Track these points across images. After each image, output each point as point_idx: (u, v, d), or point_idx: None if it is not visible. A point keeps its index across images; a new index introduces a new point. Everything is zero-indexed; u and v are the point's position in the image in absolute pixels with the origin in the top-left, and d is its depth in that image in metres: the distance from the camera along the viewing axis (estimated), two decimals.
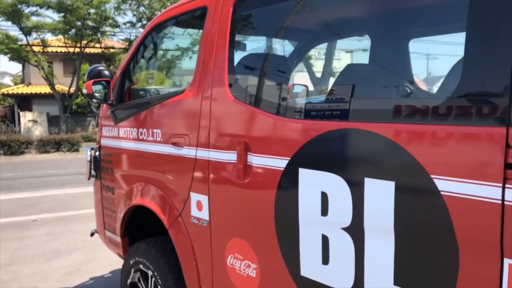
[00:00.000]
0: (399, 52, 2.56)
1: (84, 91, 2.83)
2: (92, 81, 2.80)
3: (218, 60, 2.11)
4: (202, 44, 2.24)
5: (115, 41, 25.05)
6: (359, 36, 2.94)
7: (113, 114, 2.92)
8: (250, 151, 1.92)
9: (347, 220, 1.53)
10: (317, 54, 4.26)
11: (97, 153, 3.15)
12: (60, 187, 9.68)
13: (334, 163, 1.58)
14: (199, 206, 2.23)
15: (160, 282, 2.51)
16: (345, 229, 1.55)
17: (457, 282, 1.27)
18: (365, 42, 2.71)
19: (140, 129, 2.65)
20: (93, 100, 2.80)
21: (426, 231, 1.34)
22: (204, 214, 2.20)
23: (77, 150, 18.43)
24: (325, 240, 1.63)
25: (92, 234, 3.48)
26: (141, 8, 21.01)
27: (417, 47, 2.69)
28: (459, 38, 1.45)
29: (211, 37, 2.17)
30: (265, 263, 1.90)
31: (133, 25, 22.22)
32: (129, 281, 2.84)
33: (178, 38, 2.84)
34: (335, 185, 1.57)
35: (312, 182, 1.65)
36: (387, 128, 1.42)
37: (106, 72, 3.01)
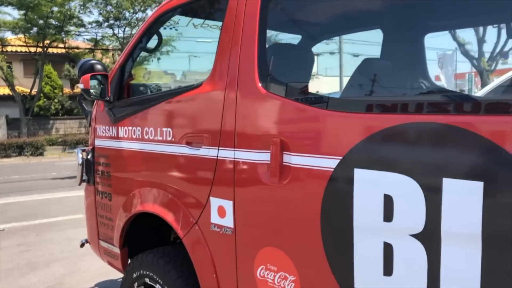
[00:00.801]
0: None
1: (80, 85, 2.53)
2: (89, 74, 2.52)
3: (245, 50, 1.90)
4: (224, 34, 2.02)
5: (80, 41, 24.15)
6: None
7: (111, 112, 2.65)
8: (288, 150, 1.71)
9: (419, 226, 1.36)
10: None
11: (89, 156, 2.85)
12: (26, 193, 9.12)
13: (402, 162, 1.40)
14: (221, 213, 2.00)
15: None
16: (415, 236, 1.37)
17: None
18: None
19: (146, 128, 2.39)
20: (90, 96, 2.52)
21: None
22: (228, 221, 1.97)
23: (41, 154, 17.62)
24: (388, 248, 1.44)
25: (82, 245, 3.17)
26: (109, 7, 20.31)
27: None
28: None
29: (235, 25, 1.95)
30: (307, 275, 1.70)
31: (99, 24, 21.46)
32: None
33: (189, 28, 2.60)
34: (403, 187, 1.39)
35: (372, 184, 1.46)
36: (475, 121, 1.26)
37: (99, 66, 2.73)
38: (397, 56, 2.68)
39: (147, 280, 2.43)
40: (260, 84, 1.83)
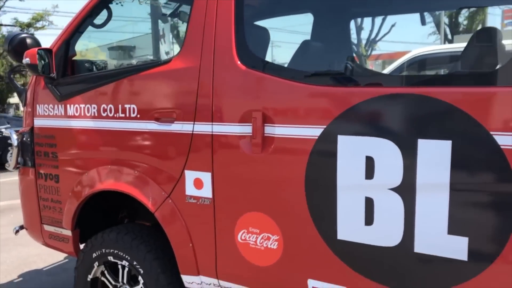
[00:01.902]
0: None
1: (26, 60, 2.37)
2: (37, 48, 2.37)
3: (221, 28, 1.99)
4: (196, 12, 2.08)
5: None
6: None
7: (55, 89, 2.52)
8: (270, 122, 1.88)
9: (397, 181, 1.64)
10: None
11: (27, 137, 2.68)
12: None
13: (382, 128, 1.66)
14: (198, 184, 2.10)
15: (142, 272, 2.30)
16: (393, 189, 1.65)
17: None
18: None
19: (103, 105, 2.34)
20: (39, 72, 2.37)
21: (484, 182, 1.51)
22: (206, 192, 2.08)
23: None
24: (369, 202, 1.71)
25: (16, 232, 2.97)
26: None
27: None
28: None
29: (209, 3, 2.02)
30: (291, 233, 1.90)
31: None
32: (90, 276, 2.53)
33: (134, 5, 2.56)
34: (383, 149, 1.65)
35: (355, 148, 1.71)
36: (444, 92, 1.55)
37: (31, 40, 2.59)
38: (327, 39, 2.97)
39: (110, 258, 2.42)
40: (239, 61, 1.95)
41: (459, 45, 4.83)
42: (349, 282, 1.79)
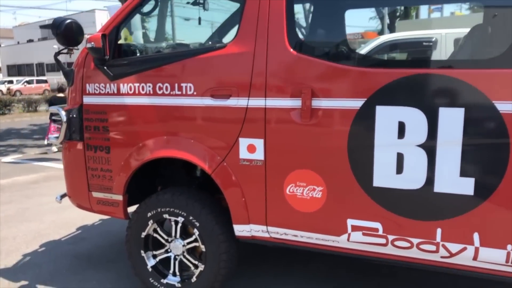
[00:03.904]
0: None
1: (91, 44, 2.67)
2: (100, 34, 2.67)
3: (274, 15, 2.42)
4: (249, 3, 2.49)
5: None
6: None
7: (107, 70, 2.83)
8: (317, 96, 2.36)
9: (422, 139, 2.20)
10: None
11: (74, 114, 2.96)
12: None
13: (411, 99, 2.20)
14: (251, 149, 2.55)
15: (198, 225, 2.73)
16: (419, 145, 2.21)
17: (506, 169, 2.08)
18: None
19: (159, 84, 2.70)
20: (103, 55, 2.68)
21: (487, 136, 2.10)
22: (258, 155, 2.54)
23: None
24: (400, 156, 2.26)
25: (60, 200, 3.26)
26: None
27: None
28: None
29: None
30: (334, 184, 2.42)
31: None
32: (143, 234, 2.91)
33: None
34: (412, 116, 2.20)
35: (389, 115, 2.24)
36: (457, 72, 2.12)
37: (76, 26, 2.86)
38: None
39: (166, 215, 2.82)
40: (290, 47, 2.41)
41: (422, 32, 5.54)
42: (382, 218, 2.35)
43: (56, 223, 4.61)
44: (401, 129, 2.24)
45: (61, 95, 10.01)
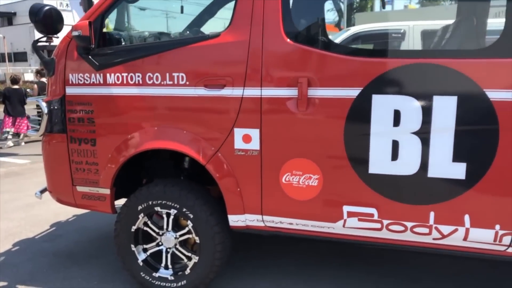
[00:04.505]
0: None
1: (77, 33, 2.55)
2: (87, 21, 2.57)
3: (270, 5, 2.41)
4: None
5: None
6: None
7: (93, 59, 2.72)
8: (313, 86, 2.39)
9: (417, 126, 2.28)
10: None
11: (56, 105, 2.84)
12: None
13: (407, 88, 2.27)
14: (247, 139, 2.55)
15: (192, 216, 2.70)
16: (414, 133, 2.29)
17: (495, 155, 2.20)
18: None
19: (149, 74, 2.64)
20: (89, 44, 2.57)
21: (477, 123, 2.21)
22: (254, 145, 2.54)
23: None
24: (395, 143, 2.33)
25: (41, 195, 3.13)
26: None
27: None
28: None
29: None
30: (330, 172, 2.46)
31: None
32: (134, 227, 2.85)
33: None
34: (407, 104, 2.27)
35: (385, 104, 2.31)
36: (451, 61, 2.21)
37: (56, 13, 2.75)
38: None
39: (157, 208, 2.77)
40: (286, 36, 2.42)
41: (389, 24, 5.70)
42: (378, 204, 2.42)
43: (27, 221, 4.41)
44: (397, 117, 2.30)
45: (15, 86, 9.54)
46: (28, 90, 10.74)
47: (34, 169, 6.95)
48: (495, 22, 3.10)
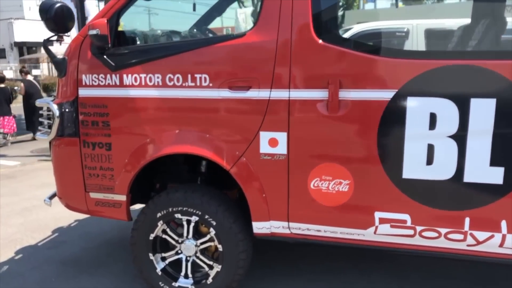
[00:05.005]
0: None
1: (94, 31, 2.41)
2: (105, 18, 2.43)
3: (299, 3, 2.31)
4: None
5: None
6: None
7: (108, 59, 2.59)
8: (345, 87, 2.30)
9: (454, 130, 2.21)
10: None
11: (68, 108, 2.69)
12: None
13: (443, 90, 2.20)
14: (273, 143, 2.45)
15: (214, 223, 2.59)
16: (450, 136, 2.22)
17: None
18: None
19: (169, 75, 2.51)
20: (108, 43, 2.43)
21: None
22: (281, 149, 2.44)
23: None
24: (430, 147, 2.26)
25: (50, 201, 2.98)
26: None
27: None
28: None
29: None
30: (361, 177, 2.38)
31: None
32: (152, 235, 2.73)
33: None
34: (444, 106, 2.20)
35: (421, 106, 2.23)
36: (491, 63, 2.14)
37: (67, 10, 2.61)
38: None
39: (177, 215, 2.65)
40: (316, 36, 2.32)
41: (392, 22, 5.65)
42: (411, 210, 2.35)
43: (26, 227, 4.23)
44: (432, 120, 2.23)
45: (1, 85, 9.24)
46: (15, 88, 10.42)
47: (26, 171, 6.74)
48: None
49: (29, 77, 10.03)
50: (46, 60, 31.67)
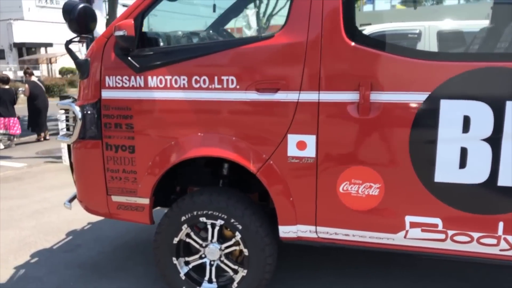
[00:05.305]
0: None
1: (120, 32, 2.37)
2: (131, 19, 2.39)
3: (329, 5, 2.28)
4: None
5: None
6: None
7: (133, 61, 2.55)
8: (376, 89, 2.27)
9: (488, 133, 2.18)
10: None
11: (90, 110, 2.65)
12: None
13: (478, 92, 2.17)
14: (301, 146, 2.41)
15: (240, 227, 2.55)
16: (484, 139, 2.19)
17: None
18: None
19: (196, 77, 2.48)
20: (133, 45, 2.40)
21: None
22: (309, 152, 2.41)
23: None
24: (463, 150, 2.23)
25: (70, 204, 2.95)
26: None
27: None
28: None
29: None
30: (392, 180, 2.34)
31: None
32: (176, 239, 2.69)
33: None
34: (478, 109, 2.17)
35: (454, 109, 2.20)
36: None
37: (90, 11, 2.57)
38: None
39: (202, 219, 2.61)
40: (347, 38, 2.28)
41: (405, 24, 5.63)
42: (442, 214, 2.32)
43: (39, 229, 4.18)
44: (466, 123, 2.20)
45: (6, 86, 9.18)
46: (20, 89, 10.37)
47: (33, 173, 6.69)
48: None
49: (34, 78, 9.98)
50: (46, 61, 31.72)
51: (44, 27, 30.45)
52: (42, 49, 33.07)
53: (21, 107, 10.55)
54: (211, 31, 3.49)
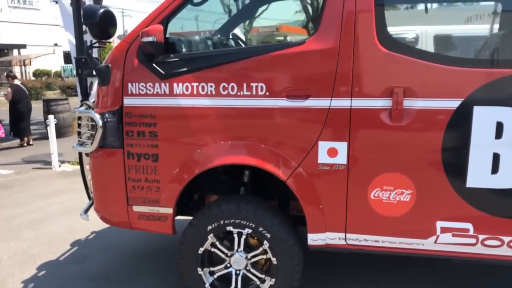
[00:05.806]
0: None
1: (149, 38, 2.30)
2: (161, 25, 2.33)
3: (362, 11, 2.28)
4: None
5: None
6: None
7: (157, 68, 2.48)
8: (410, 96, 2.27)
9: None
10: None
11: (111, 117, 2.57)
12: None
13: (511, 99, 2.19)
14: (332, 153, 2.40)
15: (269, 236, 2.52)
16: None
17: None
18: None
19: (223, 84, 2.43)
20: (162, 51, 2.34)
21: None
22: (340, 159, 2.39)
23: None
24: (496, 156, 2.25)
25: (86, 215, 2.84)
26: None
27: None
28: None
29: None
30: (424, 186, 2.35)
31: None
32: (201, 249, 2.63)
33: None
34: (511, 115, 2.19)
35: (487, 116, 2.22)
36: None
37: (111, 15, 2.50)
38: None
39: (229, 228, 2.56)
40: (380, 44, 2.28)
41: (406, 28, 5.69)
42: (473, 219, 2.34)
43: (41, 240, 4.04)
44: (499, 129, 2.22)
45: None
46: (1, 93, 10.05)
47: (23, 181, 6.48)
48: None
49: (16, 82, 9.68)
50: (19, 63, 30.87)
51: (17, 28, 29.65)
52: (15, 51, 32.18)
53: (3, 110, 10.21)
54: (218, 35, 3.45)
